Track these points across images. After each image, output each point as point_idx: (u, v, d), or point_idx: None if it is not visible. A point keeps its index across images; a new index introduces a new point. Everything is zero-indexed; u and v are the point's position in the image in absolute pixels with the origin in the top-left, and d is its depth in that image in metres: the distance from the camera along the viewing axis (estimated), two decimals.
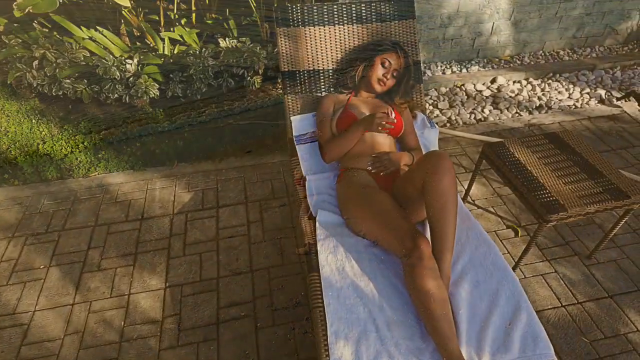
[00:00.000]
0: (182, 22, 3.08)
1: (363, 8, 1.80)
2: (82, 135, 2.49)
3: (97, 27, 2.72)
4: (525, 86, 3.07)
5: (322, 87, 1.81)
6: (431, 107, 2.88)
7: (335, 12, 1.78)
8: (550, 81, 3.12)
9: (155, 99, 2.69)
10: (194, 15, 3.07)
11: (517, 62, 3.29)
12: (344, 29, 1.80)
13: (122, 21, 2.99)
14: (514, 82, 3.13)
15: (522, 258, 1.72)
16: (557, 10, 3.16)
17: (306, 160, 1.73)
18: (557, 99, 2.92)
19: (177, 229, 2.02)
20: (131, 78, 2.59)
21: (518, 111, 2.82)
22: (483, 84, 3.09)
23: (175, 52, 2.86)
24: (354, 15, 1.80)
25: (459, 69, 3.21)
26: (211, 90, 2.82)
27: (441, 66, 3.24)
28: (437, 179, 1.19)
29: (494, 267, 1.29)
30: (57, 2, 2.22)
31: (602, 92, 2.96)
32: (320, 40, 1.78)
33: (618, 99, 2.88)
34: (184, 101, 2.76)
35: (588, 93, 2.98)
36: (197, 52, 2.70)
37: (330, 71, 1.81)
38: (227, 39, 2.73)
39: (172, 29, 2.96)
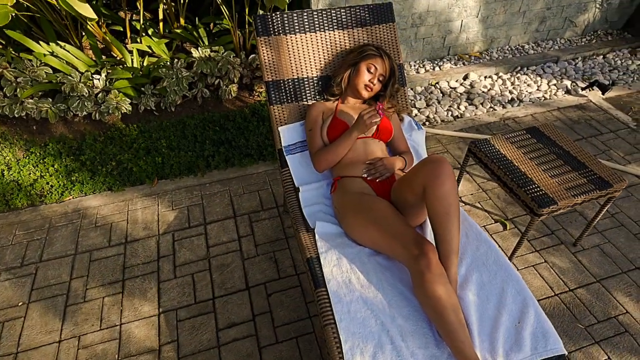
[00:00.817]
0: (150, 32, 2.97)
1: (343, 13, 1.79)
2: (52, 158, 2.34)
3: (58, 42, 2.56)
4: (496, 81, 3.16)
5: (308, 95, 1.78)
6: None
7: (316, 19, 1.76)
8: (519, 75, 3.23)
9: (128, 114, 2.57)
10: (161, 24, 2.96)
11: (487, 58, 3.38)
12: (325, 35, 1.78)
13: (84, 34, 2.83)
14: (486, 77, 3.21)
15: (515, 252, 1.76)
16: (521, 5, 3.28)
17: (297, 170, 1.70)
18: (527, 91, 3.03)
19: (165, 250, 1.93)
20: (100, 94, 2.46)
21: (492, 106, 2.90)
22: (456, 81, 3.15)
23: (145, 64, 2.75)
24: (335, 21, 1.78)
25: (432, 67, 3.26)
26: (186, 101, 2.73)
27: (414, 65, 3.28)
28: (439, 183, 1.19)
29: (497, 266, 1.31)
30: (10, 15, 2.05)
31: (568, 82, 3.10)
32: (303, 48, 1.75)
33: (583, 89, 3.01)
34: (158, 115, 2.65)
35: (555, 84, 3.11)
36: (169, 63, 2.60)
37: (315, 79, 1.78)
38: (199, 48, 2.65)
39: (139, 40, 2.83)
